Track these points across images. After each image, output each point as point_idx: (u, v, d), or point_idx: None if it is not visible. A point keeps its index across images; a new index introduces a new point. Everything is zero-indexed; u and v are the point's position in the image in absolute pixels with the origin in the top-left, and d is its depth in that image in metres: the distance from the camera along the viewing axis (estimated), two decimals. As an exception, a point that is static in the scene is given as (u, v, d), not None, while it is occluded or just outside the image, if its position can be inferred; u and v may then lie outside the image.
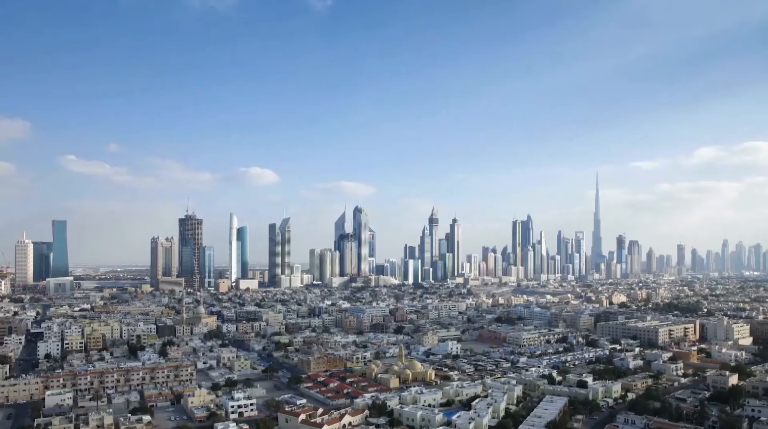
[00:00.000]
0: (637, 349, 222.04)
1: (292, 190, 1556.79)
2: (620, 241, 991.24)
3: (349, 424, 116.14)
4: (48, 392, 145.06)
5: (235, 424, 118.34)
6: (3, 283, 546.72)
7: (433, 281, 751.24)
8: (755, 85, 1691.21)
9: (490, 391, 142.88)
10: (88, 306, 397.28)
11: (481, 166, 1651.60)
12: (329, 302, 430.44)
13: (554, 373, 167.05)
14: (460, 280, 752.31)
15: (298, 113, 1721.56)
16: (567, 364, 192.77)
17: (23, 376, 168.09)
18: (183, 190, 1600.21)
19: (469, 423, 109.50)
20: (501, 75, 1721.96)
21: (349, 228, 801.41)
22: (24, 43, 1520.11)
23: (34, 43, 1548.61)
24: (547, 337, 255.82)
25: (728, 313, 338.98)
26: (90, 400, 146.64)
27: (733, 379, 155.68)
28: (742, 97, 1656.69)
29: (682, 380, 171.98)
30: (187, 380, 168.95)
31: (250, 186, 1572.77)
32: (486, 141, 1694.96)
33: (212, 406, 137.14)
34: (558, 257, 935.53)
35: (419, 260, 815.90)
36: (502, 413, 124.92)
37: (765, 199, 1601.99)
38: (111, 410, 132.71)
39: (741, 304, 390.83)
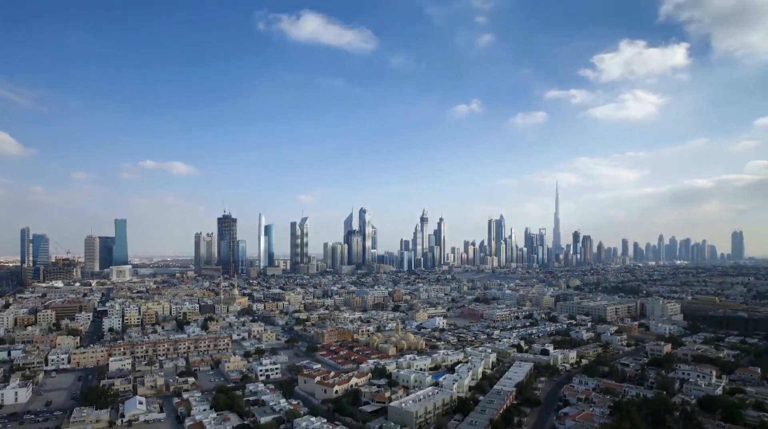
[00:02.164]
0: (589, 324, 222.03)
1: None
2: (576, 236, 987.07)
3: (356, 384, 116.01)
4: (111, 359, 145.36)
5: (263, 384, 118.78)
6: (75, 270, 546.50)
7: (423, 269, 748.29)
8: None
9: (470, 357, 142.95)
10: (144, 289, 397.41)
11: (463, 176, 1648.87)
12: (339, 286, 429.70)
13: (522, 343, 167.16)
14: (445, 267, 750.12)
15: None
16: (532, 336, 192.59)
17: (91, 345, 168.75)
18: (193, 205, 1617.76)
19: (453, 383, 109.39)
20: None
21: (355, 225, 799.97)
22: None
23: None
24: (516, 314, 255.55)
25: (663, 294, 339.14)
26: (145, 365, 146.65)
27: (667, 348, 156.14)
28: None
29: (626, 349, 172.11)
30: (224, 349, 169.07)
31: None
32: (466, 158, 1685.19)
33: (245, 369, 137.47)
34: (525, 249, 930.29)
35: (412, 252, 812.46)
36: (479, 376, 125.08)
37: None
38: (162, 373, 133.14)
39: (673, 287, 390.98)
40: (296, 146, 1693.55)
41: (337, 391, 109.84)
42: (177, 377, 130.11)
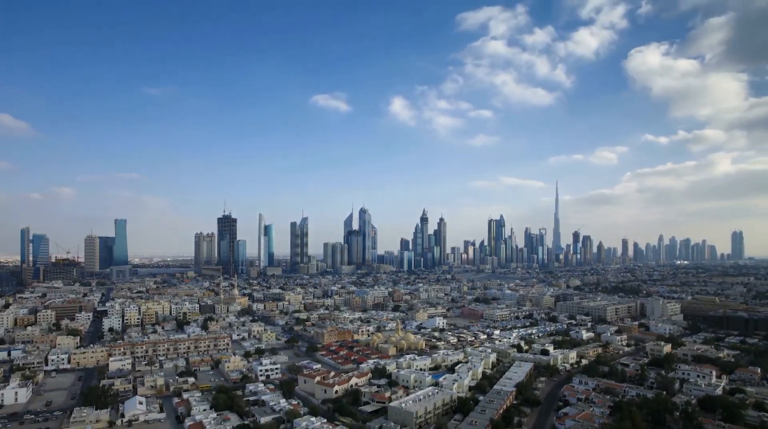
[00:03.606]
0: (589, 324, 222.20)
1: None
2: (576, 236, 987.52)
3: (356, 384, 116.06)
4: (111, 359, 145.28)
5: (263, 384, 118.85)
6: (74, 270, 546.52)
7: (423, 268, 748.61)
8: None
9: (470, 357, 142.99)
10: (144, 289, 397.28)
11: (464, 178, 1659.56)
12: (339, 286, 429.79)
13: (522, 343, 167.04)
14: (445, 267, 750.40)
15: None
16: (532, 336, 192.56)
17: (91, 345, 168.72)
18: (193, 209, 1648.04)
19: (453, 383, 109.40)
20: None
21: (355, 225, 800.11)
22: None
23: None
24: (516, 314, 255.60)
25: (663, 294, 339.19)
26: (145, 365, 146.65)
27: (667, 348, 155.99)
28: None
29: (626, 349, 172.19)
30: (224, 349, 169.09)
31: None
32: (468, 161, 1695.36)
33: (245, 369, 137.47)
34: (525, 249, 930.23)
35: (413, 251, 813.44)
36: (479, 376, 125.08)
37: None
38: (162, 373, 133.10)
39: (673, 287, 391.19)
40: (295, 147, 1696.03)
41: (337, 391, 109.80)
42: (177, 377, 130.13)
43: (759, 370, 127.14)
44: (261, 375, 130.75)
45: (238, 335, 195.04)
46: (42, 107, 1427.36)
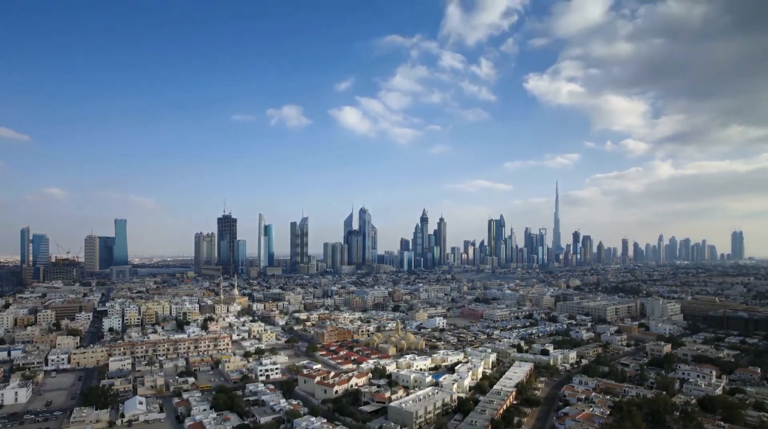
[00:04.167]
0: (589, 324, 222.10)
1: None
2: (576, 236, 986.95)
3: (356, 384, 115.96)
4: (111, 359, 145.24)
5: (263, 384, 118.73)
6: (74, 270, 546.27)
7: (423, 268, 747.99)
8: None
9: (470, 357, 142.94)
10: (144, 289, 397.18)
11: (464, 179, 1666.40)
12: (339, 286, 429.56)
13: (522, 343, 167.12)
14: (445, 267, 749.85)
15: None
16: (532, 336, 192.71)
17: (91, 345, 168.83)
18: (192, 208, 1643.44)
19: (453, 384, 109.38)
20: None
21: (355, 225, 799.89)
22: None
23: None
24: (516, 314, 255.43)
25: (663, 294, 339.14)
26: (145, 365, 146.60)
27: (667, 348, 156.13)
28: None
29: (626, 349, 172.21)
30: (224, 349, 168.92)
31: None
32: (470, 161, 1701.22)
33: (244, 370, 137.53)
34: (525, 249, 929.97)
35: (412, 251, 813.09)
36: (479, 376, 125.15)
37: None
38: (162, 373, 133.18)
39: (673, 287, 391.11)
40: (295, 147, 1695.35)
41: (337, 391, 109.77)
42: (177, 377, 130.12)
43: (759, 370, 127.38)
44: (261, 375, 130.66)
45: (238, 335, 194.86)
46: (32, 111, 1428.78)
